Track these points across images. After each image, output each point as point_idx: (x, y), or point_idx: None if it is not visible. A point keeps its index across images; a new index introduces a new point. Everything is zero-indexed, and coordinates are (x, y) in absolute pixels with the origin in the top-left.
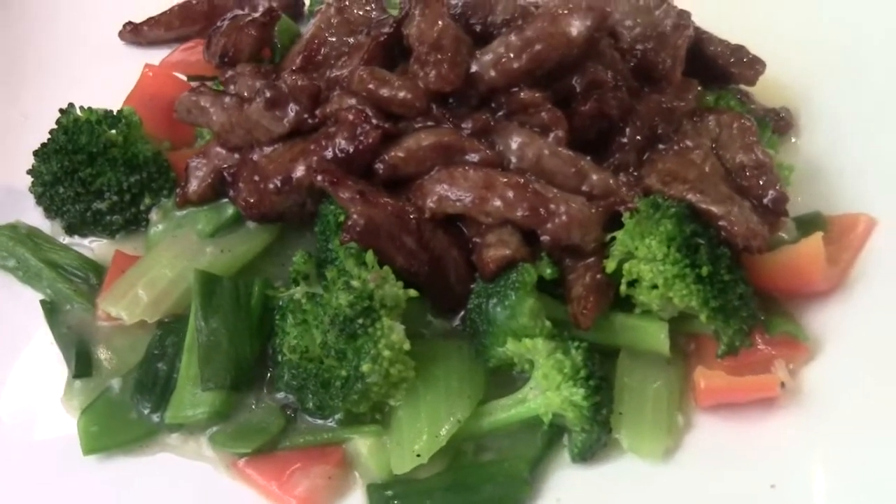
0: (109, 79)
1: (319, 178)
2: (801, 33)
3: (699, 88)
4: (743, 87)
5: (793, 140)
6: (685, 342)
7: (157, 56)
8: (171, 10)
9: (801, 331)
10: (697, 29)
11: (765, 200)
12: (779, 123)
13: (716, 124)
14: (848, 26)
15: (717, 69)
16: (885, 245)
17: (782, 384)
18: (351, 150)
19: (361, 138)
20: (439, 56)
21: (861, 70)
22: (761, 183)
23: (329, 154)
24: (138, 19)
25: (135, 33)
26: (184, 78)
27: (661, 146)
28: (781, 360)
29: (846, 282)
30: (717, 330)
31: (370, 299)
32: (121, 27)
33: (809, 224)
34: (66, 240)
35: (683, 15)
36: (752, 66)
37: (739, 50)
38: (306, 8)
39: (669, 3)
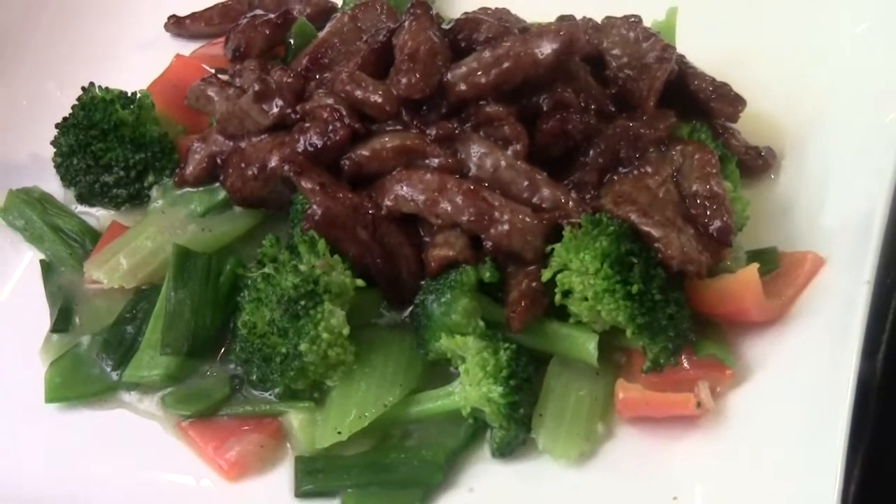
0: (149, 64)
1: (286, 167)
2: (796, 78)
3: (674, 119)
4: (728, 123)
5: (772, 177)
6: (619, 355)
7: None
8: (213, 6)
9: (727, 356)
10: (685, 63)
11: (710, 229)
12: (756, 161)
13: (680, 154)
14: (839, 80)
15: (698, 103)
16: (831, 284)
17: (699, 404)
18: (320, 144)
19: (331, 135)
20: (413, 65)
21: (843, 119)
22: (709, 213)
23: (300, 147)
24: (186, 13)
25: (178, 25)
26: (211, 70)
27: (622, 169)
28: (705, 381)
29: (786, 316)
30: (643, 346)
31: (315, 284)
32: (166, 19)
33: (761, 258)
34: (77, 208)
35: (667, 49)
36: (733, 103)
37: (722, 87)
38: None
39: (658, 38)
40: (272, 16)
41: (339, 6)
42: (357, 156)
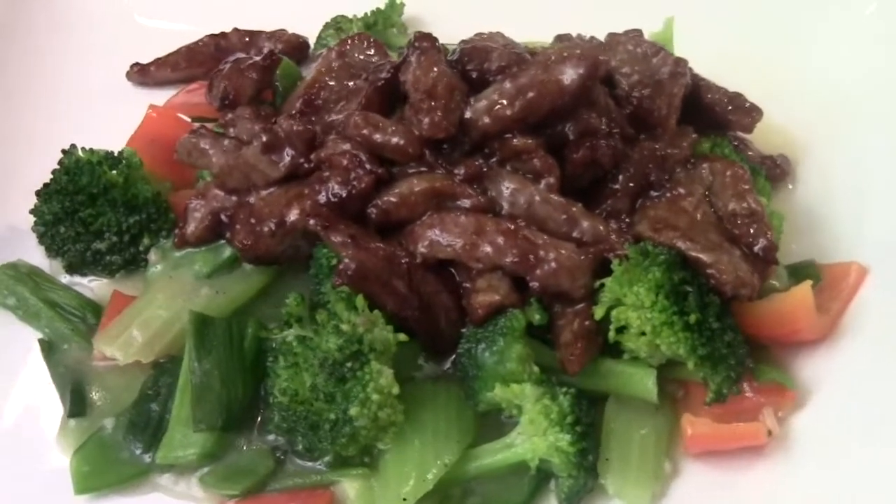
0: (116, 119)
1: (312, 221)
2: (800, 81)
3: (694, 136)
4: (740, 133)
5: (789, 187)
6: (675, 388)
7: (163, 97)
8: (178, 51)
9: (788, 379)
10: (695, 76)
11: (755, 249)
12: (774, 171)
13: (709, 172)
14: (848, 75)
15: (715, 116)
16: (876, 294)
17: (769, 432)
18: (344, 194)
19: (354, 183)
20: (433, 103)
21: (858, 119)
22: (752, 231)
23: (322, 198)
24: (146, 60)
25: (142, 74)
26: (188, 119)
27: (653, 193)
28: (769, 407)
29: (836, 331)
30: (705, 377)
31: (359, 343)
32: (128, 67)
33: (802, 272)
34: (66, 279)
35: (680, 63)
36: (750, 113)
37: (737, 97)
38: (311, 51)
39: (666, 52)
40: (257, 58)
41: (315, 42)
42: (384, 203)
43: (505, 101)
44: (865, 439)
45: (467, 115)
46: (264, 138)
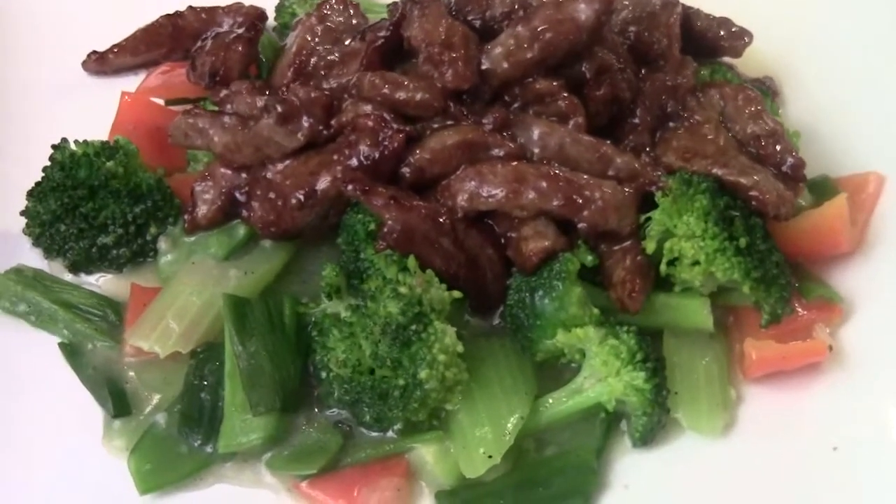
0: (82, 111)
1: (350, 187)
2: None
3: (695, 64)
4: (727, 59)
5: (780, 109)
6: (723, 315)
7: (120, 84)
8: (134, 35)
9: (835, 293)
10: (682, 5)
11: (783, 168)
12: (766, 92)
13: (720, 98)
14: None
15: (707, 43)
16: (894, 200)
17: (830, 347)
18: (377, 156)
19: (386, 143)
20: (453, 54)
21: (835, 35)
22: (777, 150)
23: (354, 163)
24: (91, 49)
25: (100, 62)
26: (161, 102)
27: (671, 124)
28: (821, 323)
29: (865, 240)
30: (758, 300)
31: (420, 304)
32: (84, 57)
33: (820, 188)
34: (70, 278)
35: None
36: (740, 37)
37: (726, 22)
38: (273, 20)
39: None
40: (240, 31)
41: (277, 11)
42: (417, 160)
43: (525, 45)
44: None
45: (484, 64)
46: (279, 109)
